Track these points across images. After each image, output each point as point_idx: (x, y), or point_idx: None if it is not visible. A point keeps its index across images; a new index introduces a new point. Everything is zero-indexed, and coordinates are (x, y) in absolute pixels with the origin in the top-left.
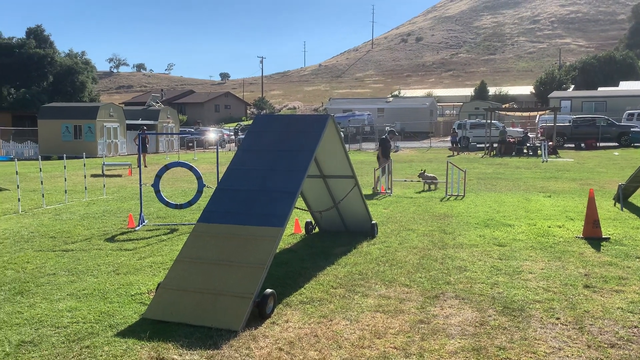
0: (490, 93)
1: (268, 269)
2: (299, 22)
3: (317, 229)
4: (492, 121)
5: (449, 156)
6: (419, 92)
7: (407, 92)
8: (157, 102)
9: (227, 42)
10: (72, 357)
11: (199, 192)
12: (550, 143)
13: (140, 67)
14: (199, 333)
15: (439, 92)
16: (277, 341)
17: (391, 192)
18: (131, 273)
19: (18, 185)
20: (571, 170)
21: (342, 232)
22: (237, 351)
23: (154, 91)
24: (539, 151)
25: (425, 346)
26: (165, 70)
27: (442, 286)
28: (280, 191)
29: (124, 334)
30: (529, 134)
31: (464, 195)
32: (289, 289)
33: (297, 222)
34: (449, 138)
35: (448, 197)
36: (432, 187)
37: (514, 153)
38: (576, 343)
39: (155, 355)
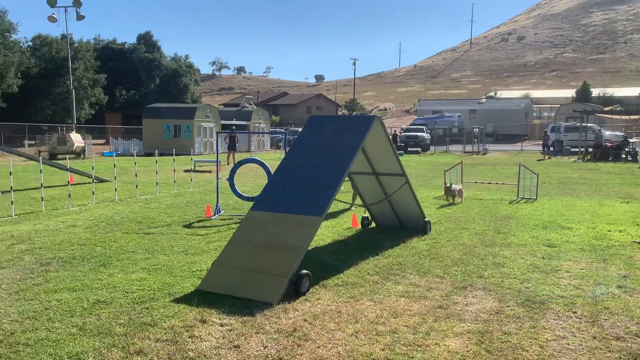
0: (593, 95)
1: (305, 253)
2: (394, 23)
3: (373, 224)
4: (588, 124)
5: (538, 160)
6: (518, 93)
7: (504, 93)
8: (251, 104)
9: (323, 44)
10: (134, 314)
11: None
12: None
13: (240, 70)
14: (240, 303)
15: (538, 93)
16: (304, 314)
17: None
18: (198, 254)
19: (115, 177)
20: None
21: (396, 229)
22: (267, 319)
23: (250, 93)
24: (638, 157)
25: (435, 327)
26: (264, 72)
27: (473, 279)
28: (322, 185)
29: (179, 300)
30: (629, 139)
31: (535, 199)
32: (329, 273)
33: (355, 217)
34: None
35: (519, 199)
36: (458, 200)
37: (610, 158)
38: (582, 334)
39: (200, 318)
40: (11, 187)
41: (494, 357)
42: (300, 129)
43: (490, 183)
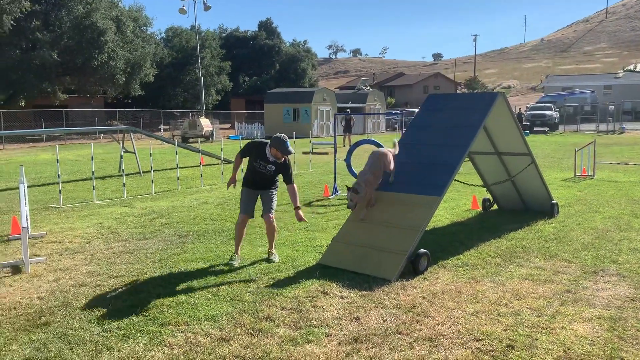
0: None
1: (423, 232)
2: None
3: (495, 207)
4: None
5: None
6: None
7: None
8: (366, 86)
9: (441, 21)
10: (261, 284)
11: None
12: None
13: (356, 52)
14: (359, 278)
15: None
16: (423, 292)
17: (594, 175)
18: (317, 231)
19: None
20: None
21: (520, 211)
22: (386, 295)
23: (366, 75)
24: None
25: (562, 310)
26: (379, 54)
27: (605, 264)
28: (441, 164)
29: (302, 273)
30: None
31: None
32: (447, 254)
33: (475, 199)
34: None
35: None
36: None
37: None
38: None
39: (321, 290)
40: (151, 167)
41: (628, 344)
42: (416, 110)
43: (627, 164)
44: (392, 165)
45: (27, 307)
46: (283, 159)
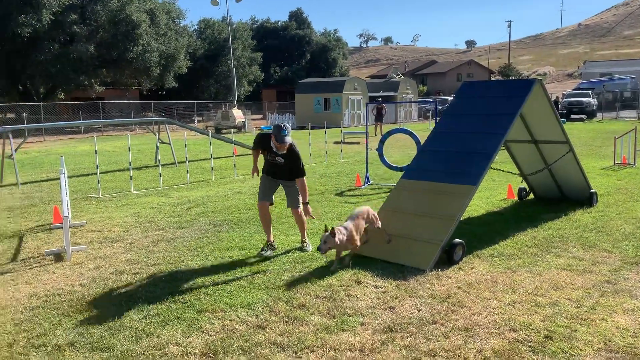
0: None
1: (458, 222)
2: None
3: (531, 196)
4: None
5: None
6: None
7: None
8: (398, 74)
9: (474, 8)
10: (295, 272)
11: None
12: None
13: (387, 40)
14: (393, 268)
15: None
16: (458, 282)
17: (634, 164)
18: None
19: None
20: None
21: (557, 200)
22: (421, 285)
23: (397, 64)
24: None
25: (602, 301)
26: (411, 41)
27: None
28: (477, 152)
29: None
30: None
31: None
32: (483, 244)
33: (510, 188)
34: None
35: None
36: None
37: None
38: None
39: (355, 279)
40: (186, 157)
41: None
42: (449, 98)
43: None
44: (378, 223)
45: (69, 293)
46: (286, 149)
